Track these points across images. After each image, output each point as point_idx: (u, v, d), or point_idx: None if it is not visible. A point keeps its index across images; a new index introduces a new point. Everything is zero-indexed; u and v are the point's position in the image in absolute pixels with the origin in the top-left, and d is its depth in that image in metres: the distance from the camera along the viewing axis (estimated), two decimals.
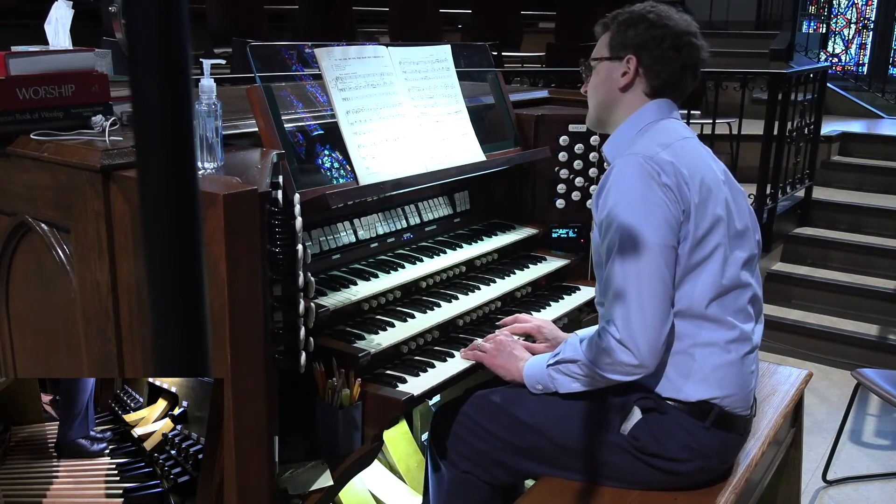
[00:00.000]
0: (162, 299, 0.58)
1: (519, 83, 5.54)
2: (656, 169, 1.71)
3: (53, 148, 1.56)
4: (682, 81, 1.89)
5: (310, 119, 2.01)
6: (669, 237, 1.71)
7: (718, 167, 1.86)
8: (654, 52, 1.85)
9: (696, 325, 1.75)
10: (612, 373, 1.73)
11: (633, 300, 1.69)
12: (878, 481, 3.30)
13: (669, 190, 1.70)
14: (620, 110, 1.91)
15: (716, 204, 1.75)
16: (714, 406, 1.77)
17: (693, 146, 1.84)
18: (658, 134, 1.82)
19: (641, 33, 1.86)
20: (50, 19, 1.90)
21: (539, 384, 1.86)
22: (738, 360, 1.78)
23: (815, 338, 4.64)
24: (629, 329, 1.68)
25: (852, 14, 10.28)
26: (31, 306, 1.76)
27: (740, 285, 1.79)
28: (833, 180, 6.04)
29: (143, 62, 0.55)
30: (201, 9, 6.71)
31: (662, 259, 1.70)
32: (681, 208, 1.71)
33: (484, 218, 2.57)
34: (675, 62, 1.86)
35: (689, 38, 1.86)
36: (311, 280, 1.55)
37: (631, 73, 1.87)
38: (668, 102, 1.90)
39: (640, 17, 1.87)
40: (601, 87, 1.94)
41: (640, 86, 1.89)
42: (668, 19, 1.86)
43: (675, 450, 1.77)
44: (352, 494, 2.24)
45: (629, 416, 1.79)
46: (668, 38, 1.84)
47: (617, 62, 1.90)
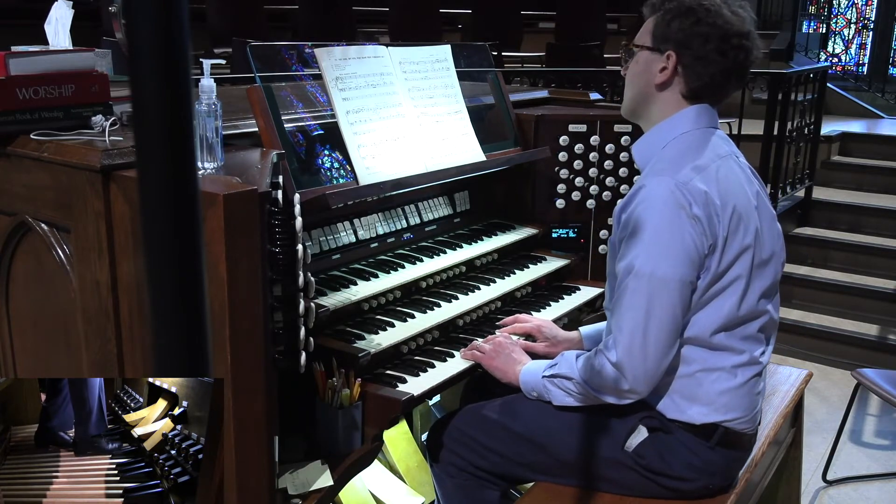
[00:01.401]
0: (162, 299, 0.58)
1: (519, 83, 5.54)
2: (688, 199, 1.61)
3: (53, 148, 1.56)
4: (725, 86, 1.75)
5: (310, 119, 2.01)
6: (689, 273, 1.63)
7: (752, 189, 1.75)
8: (697, 51, 1.70)
9: (703, 352, 1.71)
10: (604, 394, 1.71)
11: (638, 329, 1.63)
12: (878, 481, 3.30)
13: (699, 222, 1.61)
14: (656, 109, 1.79)
15: (745, 234, 1.67)
16: (719, 427, 1.75)
17: (729, 168, 1.72)
18: (694, 152, 1.70)
19: (686, 28, 1.70)
20: (50, 19, 1.90)
21: (534, 391, 1.85)
22: (744, 383, 1.74)
23: (815, 338, 4.64)
24: (630, 356, 1.64)
25: (852, 14, 10.28)
26: (31, 306, 1.76)
27: (755, 315, 1.73)
28: (833, 180, 6.04)
29: (143, 62, 0.55)
30: (201, 9, 6.72)
31: (678, 295, 1.63)
32: (707, 242, 1.63)
33: (484, 218, 2.57)
34: (718, 65, 1.71)
35: (740, 39, 1.70)
36: (311, 280, 1.55)
37: (670, 70, 1.74)
38: (709, 110, 1.77)
39: (687, 10, 1.71)
40: (638, 79, 1.80)
41: (677, 85, 1.75)
42: (718, 16, 1.69)
43: (679, 468, 1.75)
44: (352, 494, 2.24)
45: (634, 433, 1.77)
46: (715, 37, 1.69)
47: (657, 55, 1.75)
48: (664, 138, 1.75)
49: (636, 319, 1.64)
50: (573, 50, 7.02)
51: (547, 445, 1.83)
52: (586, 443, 1.80)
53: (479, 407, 1.95)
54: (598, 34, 7.46)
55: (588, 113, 2.66)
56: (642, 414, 1.78)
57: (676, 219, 1.61)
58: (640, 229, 1.63)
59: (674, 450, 1.75)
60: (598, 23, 7.65)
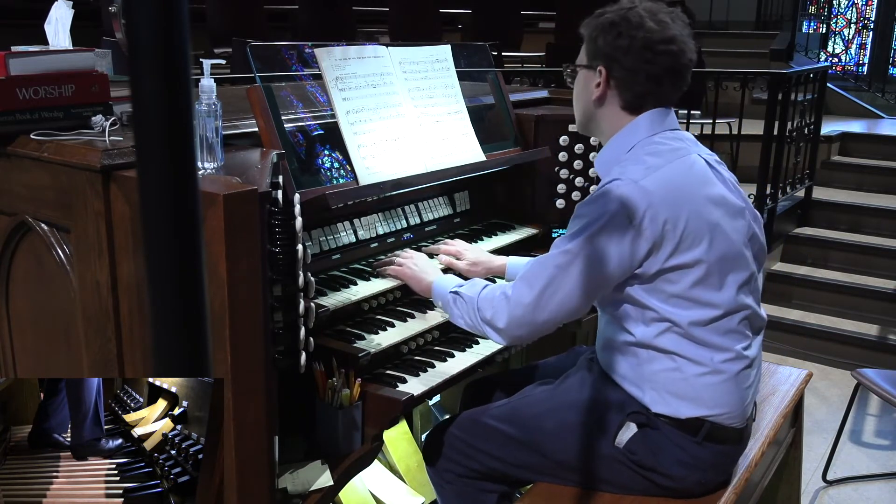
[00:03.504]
0: (162, 299, 0.58)
1: (519, 83, 5.54)
2: (634, 203, 1.63)
3: (53, 148, 1.56)
4: (660, 90, 1.76)
5: (310, 119, 2.01)
6: (616, 271, 1.67)
7: (714, 190, 1.73)
8: (623, 62, 1.74)
9: (686, 345, 1.71)
10: (485, 324, 1.79)
11: (543, 287, 1.69)
12: (878, 481, 3.30)
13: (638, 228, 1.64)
14: (603, 124, 1.83)
15: (698, 233, 1.67)
16: (705, 422, 1.75)
17: (686, 167, 1.72)
18: (648, 156, 1.72)
19: (610, 41, 1.75)
20: (50, 19, 1.90)
21: (440, 301, 1.94)
22: (731, 377, 1.74)
23: (815, 338, 4.64)
24: (520, 303, 1.71)
25: (852, 14, 10.28)
26: (31, 306, 1.76)
27: (735, 309, 1.73)
28: (833, 180, 6.04)
29: (143, 62, 0.55)
30: (201, 9, 6.71)
31: (591, 286, 1.67)
32: (647, 246, 1.65)
33: (484, 218, 2.57)
34: (644, 72, 1.73)
35: (664, 45, 1.72)
36: (311, 280, 1.55)
37: (603, 84, 1.78)
38: (660, 114, 1.78)
39: (610, 24, 1.76)
40: (580, 98, 1.86)
41: (614, 98, 1.79)
42: (640, 27, 1.72)
43: (669, 464, 1.76)
44: (352, 494, 2.24)
45: (623, 428, 1.78)
46: (636, 48, 1.72)
47: (591, 71, 1.81)
48: (623, 149, 1.78)
49: (547, 279, 1.69)
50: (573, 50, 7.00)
51: (543, 447, 1.84)
52: (580, 441, 1.81)
53: (475, 414, 1.96)
54: None
55: None
56: (630, 409, 1.79)
57: (618, 217, 1.64)
58: (585, 217, 1.68)
59: (662, 446, 1.76)
60: None
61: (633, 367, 1.78)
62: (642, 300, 1.71)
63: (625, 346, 1.78)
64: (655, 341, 1.72)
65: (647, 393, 1.77)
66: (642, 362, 1.76)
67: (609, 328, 1.83)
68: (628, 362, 1.79)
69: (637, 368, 1.77)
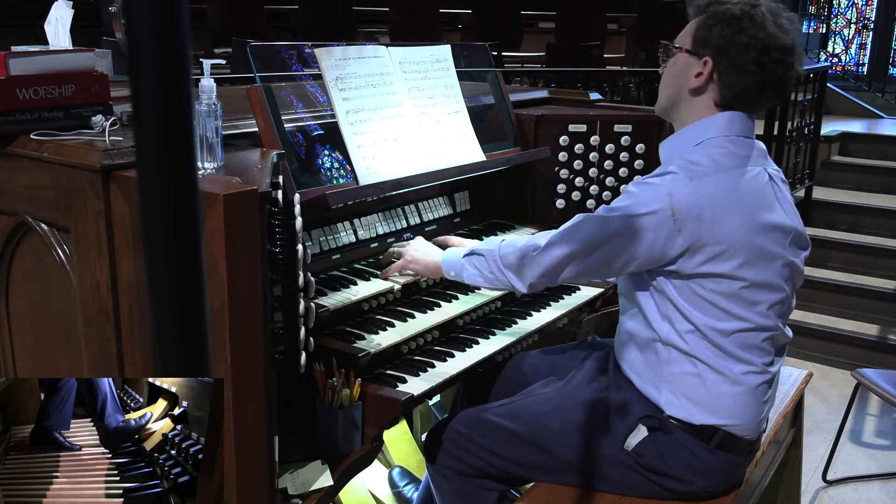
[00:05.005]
0: (162, 299, 0.58)
1: (519, 83, 5.54)
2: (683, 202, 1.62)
3: (53, 148, 1.56)
4: (760, 98, 1.72)
5: (310, 119, 2.01)
6: (645, 256, 1.67)
7: (768, 214, 1.68)
8: (734, 59, 1.67)
9: (710, 352, 1.70)
10: (507, 269, 1.83)
11: (574, 249, 1.73)
12: (878, 481, 3.30)
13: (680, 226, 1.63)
14: (688, 112, 1.77)
15: (740, 255, 1.64)
16: (719, 430, 1.74)
17: (747, 179, 1.67)
18: (712, 157, 1.68)
19: (728, 35, 1.67)
20: (50, 19, 1.90)
21: (453, 270, 1.96)
22: (750, 390, 1.73)
23: (815, 338, 4.64)
24: (548, 255, 1.76)
25: (852, 14, 10.28)
26: (31, 306, 1.76)
27: (762, 328, 1.71)
28: (833, 180, 6.04)
29: (143, 62, 0.55)
30: (201, 9, 6.72)
31: (618, 261, 1.70)
32: (683, 245, 1.64)
33: (484, 218, 2.57)
34: (754, 76, 1.67)
35: (780, 53, 1.66)
36: (311, 280, 1.55)
37: (705, 75, 1.71)
38: (742, 118, 1.73)
39: (731, 17, 1.67)
40: (674, 81, 1.78)
41: (711, 92, 1.72)
42: (762, 28, 1.65)
43: (678, 469, 1.75)
44: (352, 494, 2.24)
45: (634, 432, 1.77)
46: (755, 48, 1.65)
47: (695, 58, 1.73)
48: (692, 141, 1.74)
49: (583, 240, 1.73)
50: (573, 50, 7.02)
51: (548, 446, 1.83)
52: (587, 442, 1.80)
53: (477, 410, 1.95)
54: (598, 34, 7.46)
55: (588, 113, 2.66)
56: (641, 413, 1.78)
57: (662, 211, 1.64)
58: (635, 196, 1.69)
59: (673, 450, 1.75)
60: (598, 23, 7.65)
61: (652, 366, 1.77)
62: (672, 297, 1.70)
63: (647, 342, 1.77)
64: (679, 342, 1.71)
65: (663, 394, 1.76)
66: (663, 362, 1.75)
67: (632, 322, 1.81)
68: (648, 360, 1.78)
69: (657, 368, 1.76)
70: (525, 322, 2.20)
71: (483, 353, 2.00)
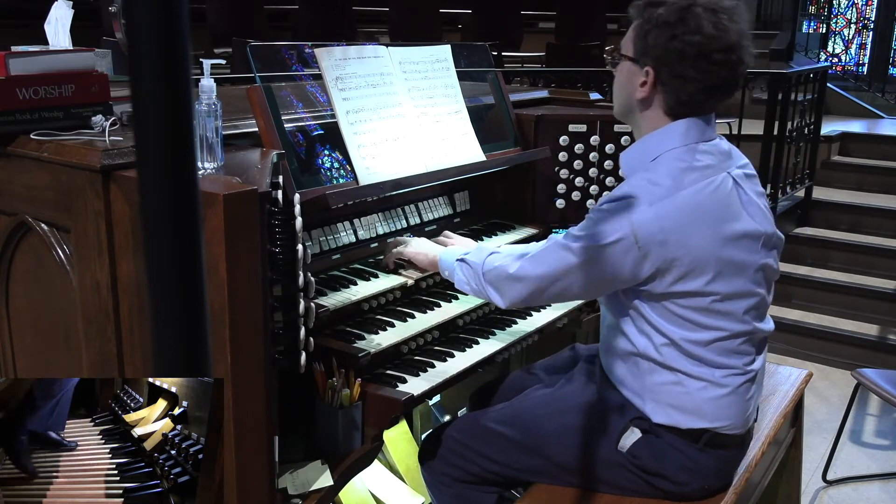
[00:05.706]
0: (162, 299, 0.58)
1: (519, 83, 5.54)
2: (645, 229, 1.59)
3: (53, 148, 1.56)
4: (707, 102, 1.66)
5: (310, 119, 2.01)
6: (616, 280, 1.66)
7: (733, 224, 1.64)
8: (673, 68, 1.61)
9: (686, 361, 1.70)
10: (487, 284, 1.83)
11: (546, 273, 1.71)
12: (878, 481, 3.30)
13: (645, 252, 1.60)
14: (642, 121, 1.73)
15: (709, 270, 1.62)
16: (707, 431, 1.74)
17: (708, 193, 1.62)
18: (671, 174, 1.63)
19: (662, 43, 1.60)
20: (50, 19, 1.90)
21: (447, 271, 1.97)
22: (732, 391, 1.72)
23: (815, 338, 4.64)
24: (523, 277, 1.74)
25: (852, 14, 10.28)
26: (31, 306, 1.76)
27: (739, 334, 1.70)
28: (833, 180, 6.04)
29: (143, 62, 0.55)
30: (201, 9, 6.72)
31: (591, 284, 1.70)
32: (651, 269, 1.61)
33: (484, 218, 2.57)
34: (697, 83, 1.61)
35: (722, 54, 1.58)
36: (311, 280, 1.55)
37: (649, 85, 1.66)
38: (698, 123, 1.67)
39: (664, 23, 1.60)
40: (622, 90, 1.74)
41: (658, 102, 1.68)
42: (698, 30, 1.57)
43: (672, 470, 1.75)
44: (352, 494, 2.24)
45: (627, 433, 1.78)
46: (691, 55, 1.58)
47: (637, 67, 1.67)
48: (650, 153, 1.70)
49: (554, 263, 1.69)
50: (573, 50, 7.02)
51: (544, 449, 1.84)
52: (583, 445, 1.80)
53: (475, 416, 1.96)
54: (598, 34, 7.47)
55: (588, 113, 2.66)
56: (633, 416, 1.78)
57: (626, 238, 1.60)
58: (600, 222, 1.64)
59: (665, 452, 1.75)
60: (598, 23, 7.66)
61: (634, 377, 1.77)
62: (646, 314, 1.70)
63: (626, 354, 1.77)
64: (656, 355, 1.71)
65: (647, 403, 1.76)
66: (644, 373, 1.75)
67: (612, 334, 1.81)
68: (629, 371, 1.78)
69: (638, 378, 1.76)
70: (525, 322, 2.20)
71: (483, 353, 2.00)
